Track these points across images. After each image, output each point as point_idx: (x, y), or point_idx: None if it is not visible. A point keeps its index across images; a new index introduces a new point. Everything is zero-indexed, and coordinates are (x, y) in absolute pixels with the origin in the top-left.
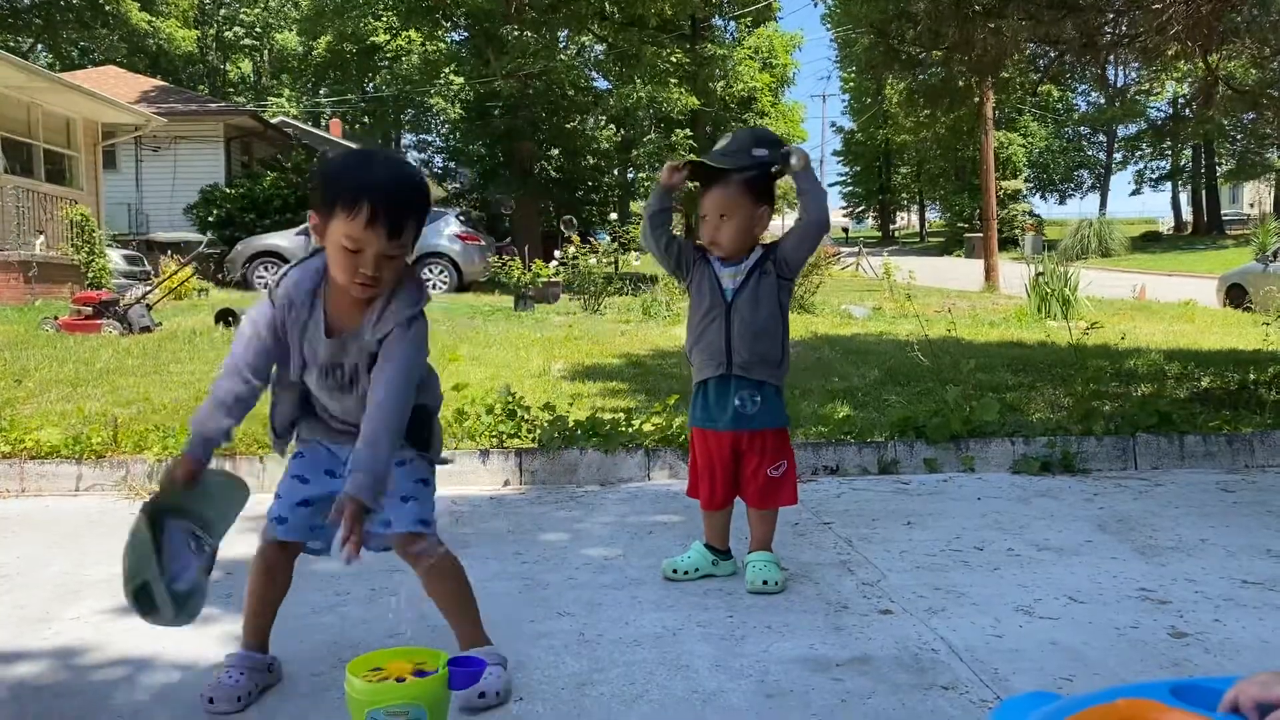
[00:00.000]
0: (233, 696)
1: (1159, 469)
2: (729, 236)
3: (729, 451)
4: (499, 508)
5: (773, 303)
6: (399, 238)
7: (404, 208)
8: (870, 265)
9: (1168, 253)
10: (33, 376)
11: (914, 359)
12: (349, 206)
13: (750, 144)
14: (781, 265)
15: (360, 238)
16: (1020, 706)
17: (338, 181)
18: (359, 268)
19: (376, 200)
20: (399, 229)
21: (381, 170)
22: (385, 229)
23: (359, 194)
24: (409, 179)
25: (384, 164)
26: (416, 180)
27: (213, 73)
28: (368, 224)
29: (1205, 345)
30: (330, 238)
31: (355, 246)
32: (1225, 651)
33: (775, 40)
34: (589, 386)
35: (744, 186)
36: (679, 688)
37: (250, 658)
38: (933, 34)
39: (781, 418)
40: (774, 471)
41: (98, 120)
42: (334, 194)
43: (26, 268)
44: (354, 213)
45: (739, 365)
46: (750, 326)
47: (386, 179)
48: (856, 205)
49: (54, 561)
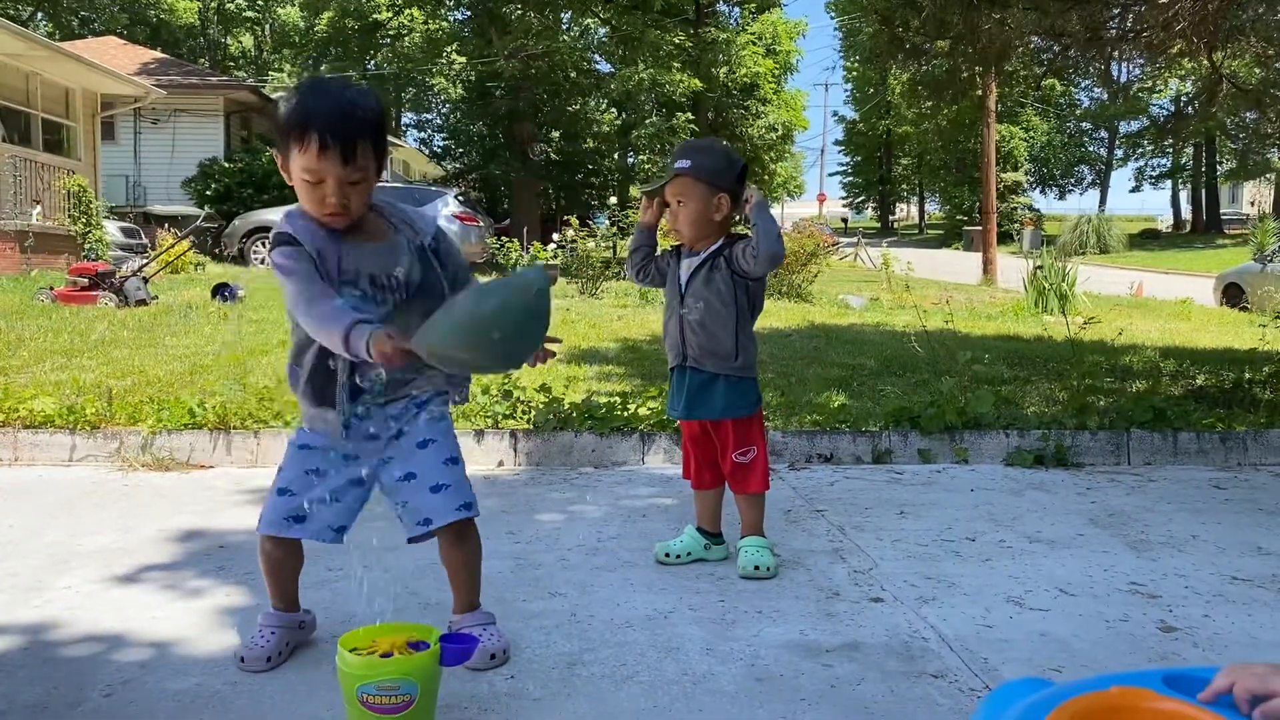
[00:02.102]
0: (262, 656)
1: (1152, 465)
2: (685, 222)
3: (701, 434)
4: (493, 488)
5: (724, 296)
6: (355, 162)
7: (353, 131)
8: (868, 256)
9: (1166, 251)
10: (28, 346)
11: (910, 350)
12: (300, 140)
13: (678, 155)
14: (736, 264)
15: (317, 168)
16: (1013, 692)
17: (288, 118)
18: (325, 197)
19: (324, 129)
20: (352, 153)
21: (326, 99)
22: (339, 155)
23: (306, 126)
24: (353, 103)
25: (328, 93)
26: (362, 103)
27: (213, 46)
28: (320, 153)
29: (1201, 343)
30: (293, 174)
31: (315, 178)
32: (1214, 646)
33: (779, 27)
34: (585, 369)
35: (696, 174)
36: (669, 669)
37: (281, 617)
38: (938, 23)
39: (740, 409)
40: (740, 457)
41: (97, 91)
42: (286, 131)
43: (23, 238)
44: (305, 144)
45: (692, 357)
46: (697, 318)
47: (331, 107)
48: (856, 195)
49: (47, 531)
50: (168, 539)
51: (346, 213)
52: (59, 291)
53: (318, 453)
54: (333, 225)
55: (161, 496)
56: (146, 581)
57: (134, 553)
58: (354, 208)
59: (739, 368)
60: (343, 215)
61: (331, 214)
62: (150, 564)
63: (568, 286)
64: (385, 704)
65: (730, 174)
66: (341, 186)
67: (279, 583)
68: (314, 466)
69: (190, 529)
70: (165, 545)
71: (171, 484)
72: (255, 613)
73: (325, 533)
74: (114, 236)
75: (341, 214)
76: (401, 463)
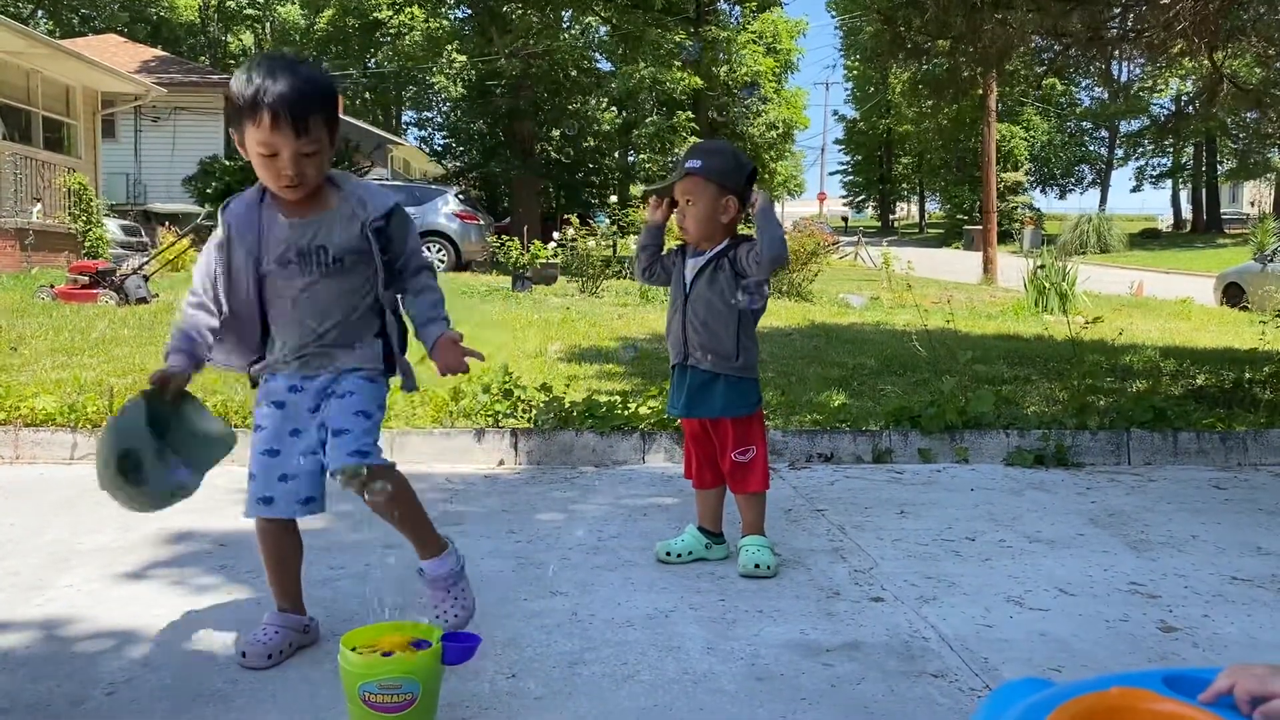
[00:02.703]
0: (264, 653)
1: (1152, 465)
2: (693, 222)
3: (701, 433)
4: (493, 487)
5: (726, 297)
6: (308, 134)
7: (304, 104)
8: (869, 255)
9: (1166, 250)
10: (28, 344)
11: (911, 349)
12: (253, 115)
13: (689, 155)
14: (740, 266)
15: (270, 141)
16: (1014, 693)
17: (241, 95)
18: (280, 170)
19: (274, 103)
20: (304, 126)
21: (275, 75)
22: (291, 128)
23: (257, 101)
24: (301, 77)
25: (277, 69)
26: (311, 74)
27: (214, 44)
28: (273, 126)
29: (1201, 343)
30: (249, 149)
31: (269, 150)
32: (1213, 647)
33: (780, 25)
34: (585, 368)
35: (706, 174)
36: (670, 669)
37: (285, 617)
38: (940, 23)
39: (740, 408)
40: (739, 456)
41: (97, 89)
42: (239, 110)
43: (23, 235)
44: (258, 119)
45: (693, 356)
46: (700, 317)
47: (280, 81)
48: (857, 194)
49: (48, 529)
50: (168, 537)
51: (303, 183)
52: (59, 289)
53: (269, 431)
54: (289, 197)
55: None
56: (148, 579)
57: (135, 551)
58: (309, 179)
59: (740, 367)
60: (298, 187)
61: (287, 185)
62: (151, 562)
63: (568, 285)
64: (387, 702)
65: (739, 176)
66: (296, 159)
67: (281, 573)
68: (267, 447)
69: (191, 527)
70: (166, 543)
71: None
72: (257, 610)
73: (298, 508)
74: (114, 234)
75: (297, 185)
76: (327, 419)
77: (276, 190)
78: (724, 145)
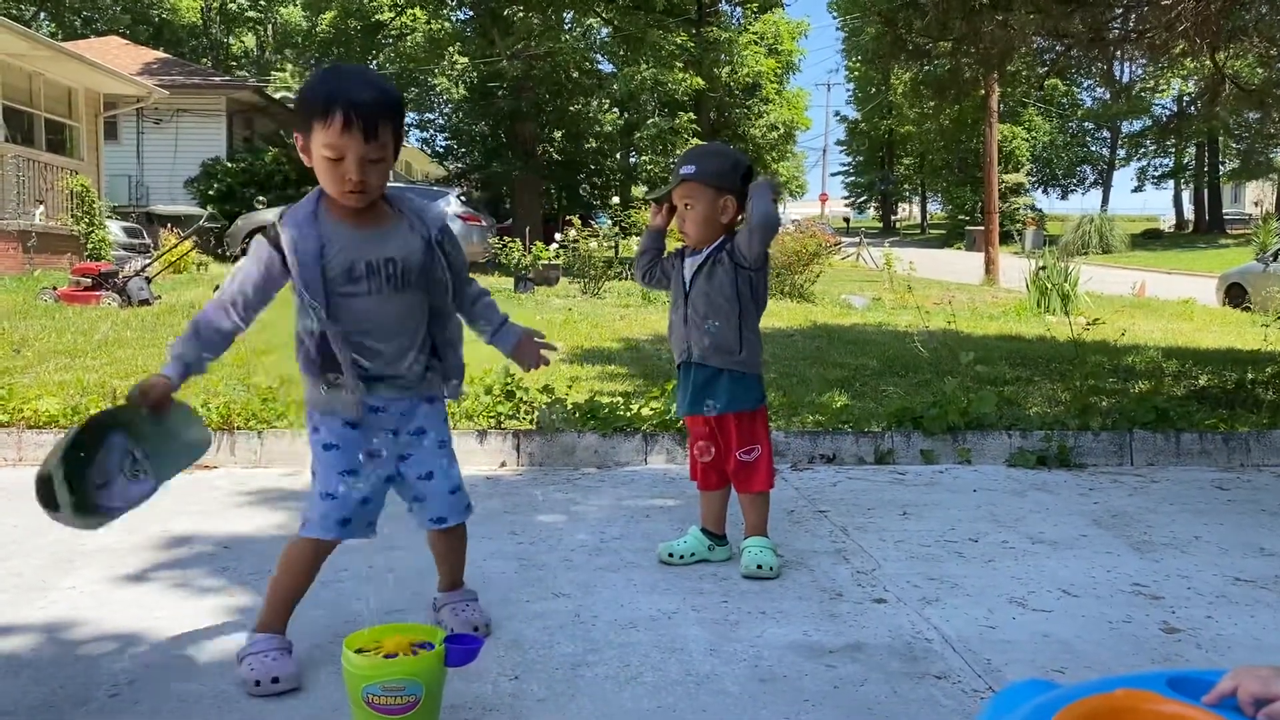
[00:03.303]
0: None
1: (1155, 465)
2: (693, 224)
3: (707, 433)
4: (495, 488)
5: (726, 290)
6: (376, 139)
7: (375, 109)
8: (871, 256)
9: (1168, 250)
10: (31, 346)
11: (913, 350)
12: (324, 116)
13: (684, 161)
14: (737, 254)
15: (338, 144)
16: (1018, 694)
17: (311, 98)
18: (345, 175)
19: (348, 105)
20: (374, 130)
21: (348, 79)
22: (361, 131)
23: (330, 102)
24: (376, 83)
25: (350, 74)
26: (384, 84)
27: (216, 46)
28: (343, 128)
29: (1204, 344)
30: (314, 153)
31: (337, 154)
32: (1217, 648)
33: (781, 26)
34: (587, 370)
35: (702, 178)
36: (673, 670)
37: (281, 639)
38: (940, 25)
39: (745, 403)
40: (744, 455)
41: (99, 91)
42: (309, 109)
43: (26, 237)
44: (329, 121)
45: (697, 353)
46: (701, 314)
47: (354, 85)
48: (858, 195)
49: (50, 530)
50: (171, 539)
51: (366, 190)
52: (62, 291)
53: (345, 452)
54: (351, 204)
55: (165, 496)
56: (151, 581)
57: (138, 553)
58: (372, 187)
59: (742, 362)
60: (361, 193)
61: (351, 190)
62: (154, 564)
63: (570, 286)
64: (391, 704)
65: (735, 176)
66: (362, 163)
67: (295, 594)
68: (346, 467)
69: (194, 529)
70: (169, 545)
71: (175, 484)
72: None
73: (366, 530)
74: (117, 236)
75: (360, 191)
76: (420, 461)
77: (338, 196)
78: (718, 147)
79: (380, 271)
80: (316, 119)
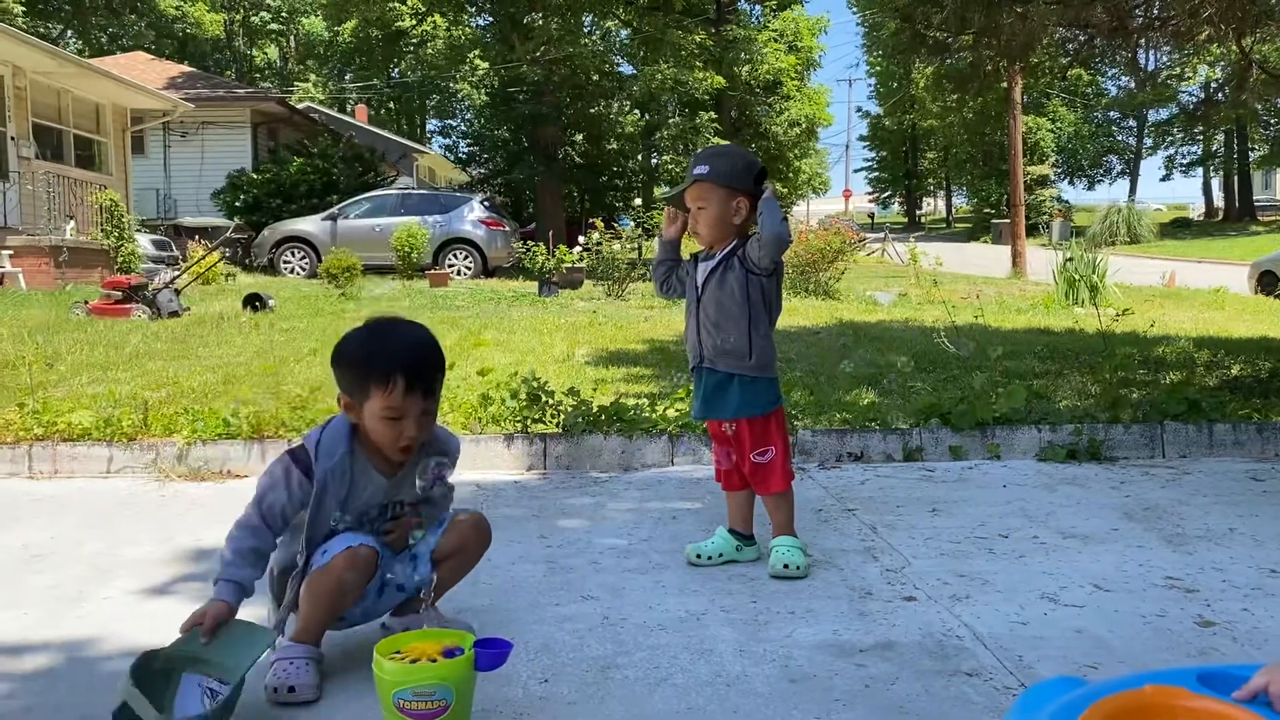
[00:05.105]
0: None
1: (1187, 457)
2: (705, 225)
3: (723, 435)
4: (522, 492)
5: (737, 295)
6: (433, 394)
7: (432, 367)
8: (896, 251)
9: (1198, 239)
10: (64, 360)
11: (940, 345)
12: (383, 383)
13: (696, 162)
14: (748, 259)
15: (400, 406)
16: (1047, 692)
17: (365, 364)
18: (404, 433)
19: (409, 369)
20: (432, 387)
21: (400, 341)
22: (421, 391)
23: (391, 368)
24: (426, 340)
25: (399, 334)
26: (432, 339)
27: (239, 58)
28: (406, 392)
29: (1236, 333)
30: (369, 413)
31: (397, 415)
32: (1253, 641)
33: (801, 23)
34: (613, 372)
35: (714, 179)
36: (703, 671)
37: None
38: (959, 18)
39: (756, 408)
40: (758, 457)
41: (126, 106)
42: (365, 376)
43: (57, 253)
44: (390, 387)
45: (708, 357)
46: (711, 318)
47: (410, 347)
48: (882, 190)
49: (87, 541)
50: (205, 549)
51: (417, 444)
52: (93, 305)
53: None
54: (400, 459)
55: (198, 506)
56: (185, 592)
57: (173, 563)
58: (423, 438)
59: (754, 367)
60: (414, 448)
61: (405, 448)
62: (189, 574)
63: (594, 289)
64: (422, 709)
65: (748, 176)
66: (420, 420)
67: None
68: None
69: (223, 540)
70: (200, 557)
71: (207, 494)
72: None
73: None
74: (146, 249)
75: (414, 446)
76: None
77: (392, 453)
78: (730, 148)
79: (387, 511)
80: (375, 384)
